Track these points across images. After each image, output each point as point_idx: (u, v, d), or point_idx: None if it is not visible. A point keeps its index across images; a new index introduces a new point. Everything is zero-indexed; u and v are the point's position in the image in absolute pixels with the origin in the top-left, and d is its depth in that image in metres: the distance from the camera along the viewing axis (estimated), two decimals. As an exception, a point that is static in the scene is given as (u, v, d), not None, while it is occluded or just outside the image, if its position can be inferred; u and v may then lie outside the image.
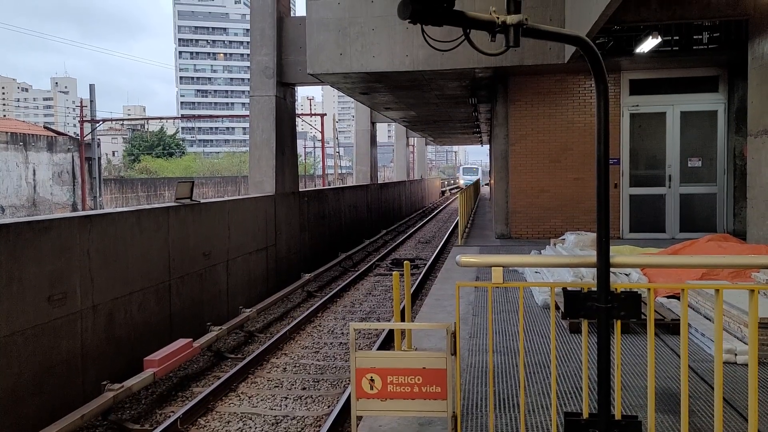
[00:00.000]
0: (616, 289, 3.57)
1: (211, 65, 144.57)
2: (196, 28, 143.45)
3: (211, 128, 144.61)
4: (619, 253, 4.05)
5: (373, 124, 29.48)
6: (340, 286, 15.09)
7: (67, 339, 7.45)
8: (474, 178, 65.39)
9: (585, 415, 3.74)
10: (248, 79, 16.07)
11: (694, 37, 12.39)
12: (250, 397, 8.14)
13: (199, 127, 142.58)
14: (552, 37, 3.55)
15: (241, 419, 7.47)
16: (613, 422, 3.61)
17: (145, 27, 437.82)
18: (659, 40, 11.17)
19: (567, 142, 14.45)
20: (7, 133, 29.96)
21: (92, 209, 32.90)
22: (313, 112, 51.16)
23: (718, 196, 14.13)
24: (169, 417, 7.31)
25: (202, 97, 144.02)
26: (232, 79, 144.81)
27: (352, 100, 20.94)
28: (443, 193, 75.43)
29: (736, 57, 12.48)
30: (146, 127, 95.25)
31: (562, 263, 4.24)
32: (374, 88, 16.34)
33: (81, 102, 38.04)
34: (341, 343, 10.58)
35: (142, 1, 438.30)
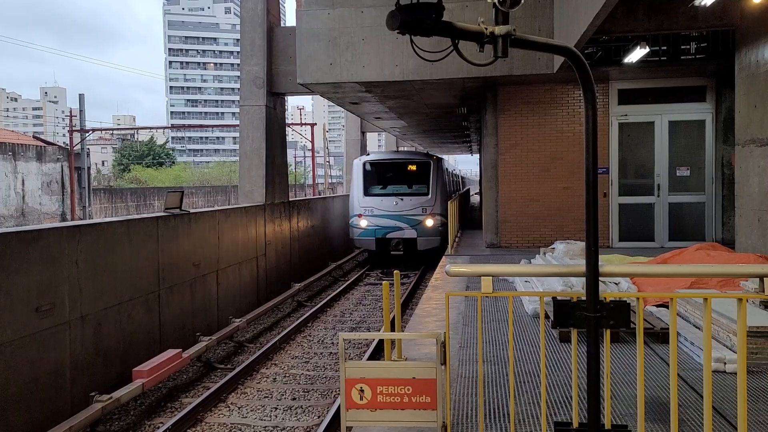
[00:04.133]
0: (605, 298, 3.58)
1: (201, 75, 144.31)
2: (186, 37, 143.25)
3: (201, 138, 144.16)
4: (608, 263, 4.06)
5: (363, 133, 29.53)
6: (330, 296, 15.06)
7: (55, 350, 7.39)
8: (418, 208, 19.62)
9: (575, 425, 3.74)
10: (238, 88, 16.08)
11: (682, 47, 12.49)
12: (239, 408, 8.09)
13: (189, 137, 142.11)
14: (540, 47, 3.57)
15: (230, 430, 7.42)
16: (603, 431, 3.61)
17: (123, 35, 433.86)
18: (647, 50, 11.25)
19: (556, 152, 14.51)
20: (-5, 142, 29.80)
21: (81, 219, 32.72)
22: (303, 122, 51.17)
23: (707, 205, 14.21)
24: (158, 428, 7.26)
25: (192, 106, 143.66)
26: (222, 88, 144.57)
27: (343, 109, 20.96)
28: None
29: (723, 67, 12.58)
30: (136, 136, 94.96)
31: (552, 272, 4.25)
32: (364, 98, 16.37)
33: (71, 112, 37.86)
34: (331, 353, 10.55)
35: (115, 9, 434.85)
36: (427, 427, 4.05)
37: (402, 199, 19.15)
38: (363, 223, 19.14)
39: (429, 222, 18.57)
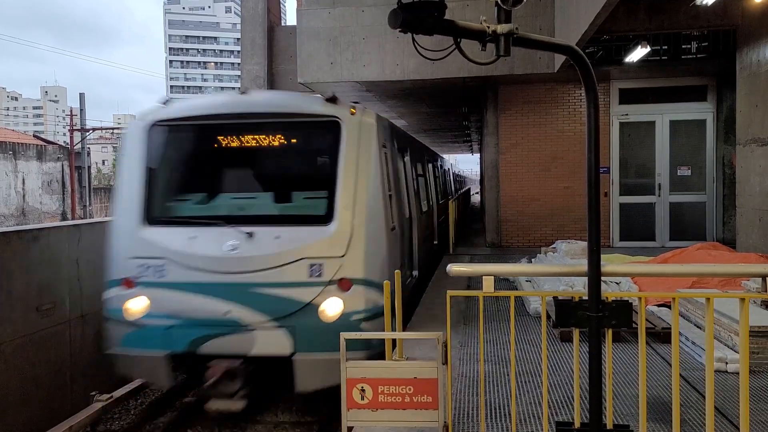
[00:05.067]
0: (606, 297, 3.58)
1: (202, 74, 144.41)
2: (186, 37, 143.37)
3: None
4: (609, 262, 4.06)
5: (364, 133, 29.42)
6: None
7: (56, 349, 7.38)
8: (301, 261, 6.13)
9: (577, 425, 3.74)
10: (239, 88, 16.08)
11: (683, 46, 12.47)
12: (240, 407, 8.05)
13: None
14: (542, 46, 3.57)
15: (231, 427, 7.40)
16: (605, 431, 3.61)
17: (122, 35, 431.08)
18: (648, 49, 11.24)
19: (557, 151, 14.49)
20: (-4, 141, 29.85)
21: (82, 218, 32.72)
22: (304, 121, 51.04)
23: (708, 204, 14.19)
24: (159, 427, 7.25)
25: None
26: (222, 88, 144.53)
27: (343, 109, 20.90)
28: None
29: (724, 66, 12.57)
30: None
31: (553, 272, 4.25)
32: (365, 98, 16.36)
33: (71, 111, 37.87)
34: (332, 352, 10.51)
35: (114, 9, 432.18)
36: (428, 427, 4.04)
37: (252, 235, 6.29)
38: (136, 305, 6.33)
39: (333, 306, 6.27)
